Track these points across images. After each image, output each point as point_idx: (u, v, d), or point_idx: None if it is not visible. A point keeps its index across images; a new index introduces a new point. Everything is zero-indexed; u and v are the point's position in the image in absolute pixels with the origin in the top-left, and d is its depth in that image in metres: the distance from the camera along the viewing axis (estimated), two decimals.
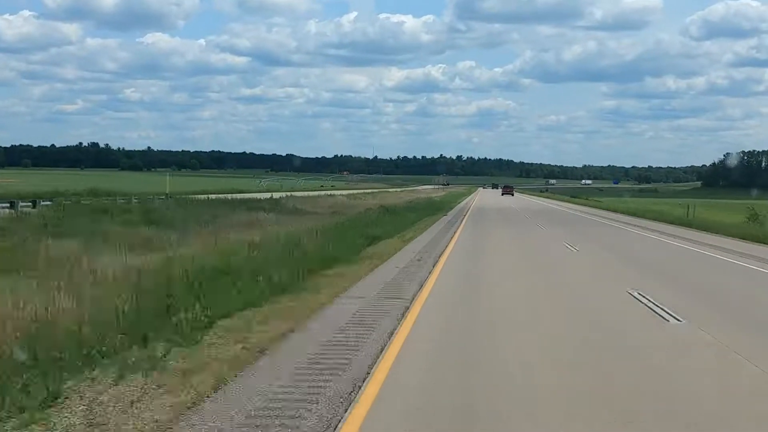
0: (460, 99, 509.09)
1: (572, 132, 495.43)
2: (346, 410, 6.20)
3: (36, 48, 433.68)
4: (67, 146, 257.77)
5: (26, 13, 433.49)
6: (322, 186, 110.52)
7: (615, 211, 56.61)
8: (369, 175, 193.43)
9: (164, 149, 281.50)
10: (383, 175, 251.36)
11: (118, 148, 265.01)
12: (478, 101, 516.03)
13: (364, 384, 6.95)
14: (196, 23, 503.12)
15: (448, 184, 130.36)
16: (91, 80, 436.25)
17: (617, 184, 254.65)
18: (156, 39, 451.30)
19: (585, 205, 72.38)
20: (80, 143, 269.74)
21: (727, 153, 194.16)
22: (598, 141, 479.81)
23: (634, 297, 12.93)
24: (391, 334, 9.31)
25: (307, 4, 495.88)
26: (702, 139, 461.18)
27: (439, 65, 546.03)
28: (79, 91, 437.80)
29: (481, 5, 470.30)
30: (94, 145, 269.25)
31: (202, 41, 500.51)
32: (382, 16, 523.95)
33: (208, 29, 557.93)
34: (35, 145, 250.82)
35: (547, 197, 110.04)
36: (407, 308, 11.26)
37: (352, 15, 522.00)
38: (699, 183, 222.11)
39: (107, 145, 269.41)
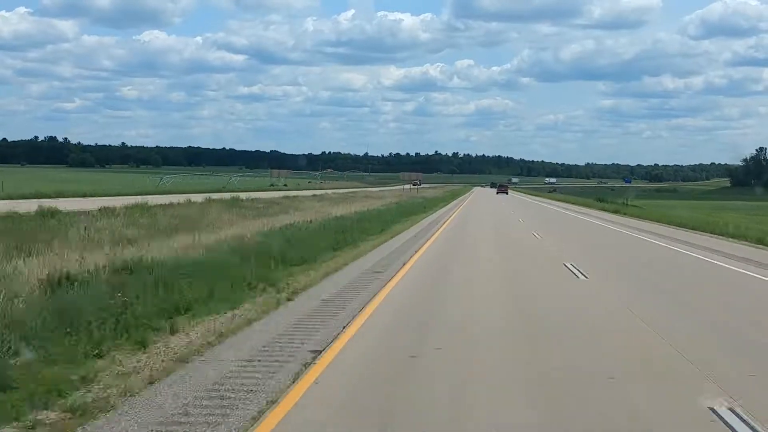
0: (458, 98, 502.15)
1: (571, 131, 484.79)
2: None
3: (32, 45, 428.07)
4: (20, 140, 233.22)
5: (22, 9, 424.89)
6: (271, 185, 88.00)
7: None
8: (341, 173, 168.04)
9: (139, 145, 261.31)
10: (369, 173, 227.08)
11: (78, 143, 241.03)
12: (476, 100, 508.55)
13: None
14: (192, 20, 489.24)
15: (418, 185, 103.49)
16: (89, 78, 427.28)
17: (629, 183, 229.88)
18: (152, 37, 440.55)
19: (658, 221, 38.09)
20: (36, 137, 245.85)
21: (761, 148, 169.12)
22: (597, 140, 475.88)
23: None
24: None
25: (304, 1, 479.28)
26: (700, 138, 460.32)
27: (438, 64, 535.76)
28: (76, 89, 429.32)
29: (479, 4, 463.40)
30: (52, 139, 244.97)
31: (198, 39, 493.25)
32: (380, 14, 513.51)
33: (204, 27, 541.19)
34: None
35: (561, 200, 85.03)
36: None
37: (350, 13, 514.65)
38: (725, 180, 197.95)
39: (66, 139, 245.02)
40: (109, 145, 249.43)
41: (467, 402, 6.56)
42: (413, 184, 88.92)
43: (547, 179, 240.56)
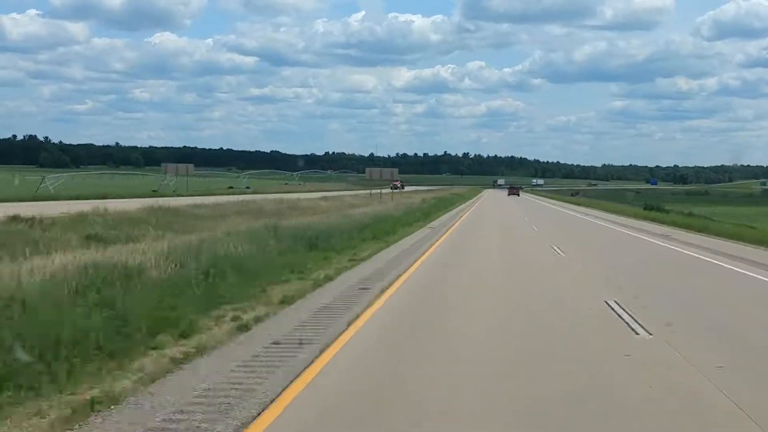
0: (469, 99, 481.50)
1: (583, 133, 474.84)
2: None
3: (42, 47, 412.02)
4: None
5: (32, 12, 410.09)
6: (230, 188, 71.78)
7: None
8: (326, 173, 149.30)
9: (130, 146, 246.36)
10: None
11: (60, 142, 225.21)
12: (487, 102, 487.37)
13: None
14: (202, 23, 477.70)
15: (399, 187, 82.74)
16: (99, 80, 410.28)
17: (655, 185, 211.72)
18: (164, 39, 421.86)
19: None
20: (14, 136, 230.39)
21: None
22: (612, 141, 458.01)
23: None
24: None
25: (314, 3, 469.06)
26: (714, 140, 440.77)
27: (448, 65, 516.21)
28: (87, 92, 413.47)
29: (489, 5, 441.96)
30: (32, 138, 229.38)
31: (209, 41, 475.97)
32: (391, 15, 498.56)
33: (215, 29, 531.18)
34: None
35: (591, 207, 66.94)
36: None
37: (361, 14, 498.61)
38: (754, 182, 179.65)
39: (47, 138, 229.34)
40: (91, 144, 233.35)
41: None
42: (392, 187, 69.17)
43: (534, 180, 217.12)
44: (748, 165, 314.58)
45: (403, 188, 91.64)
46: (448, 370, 8.00)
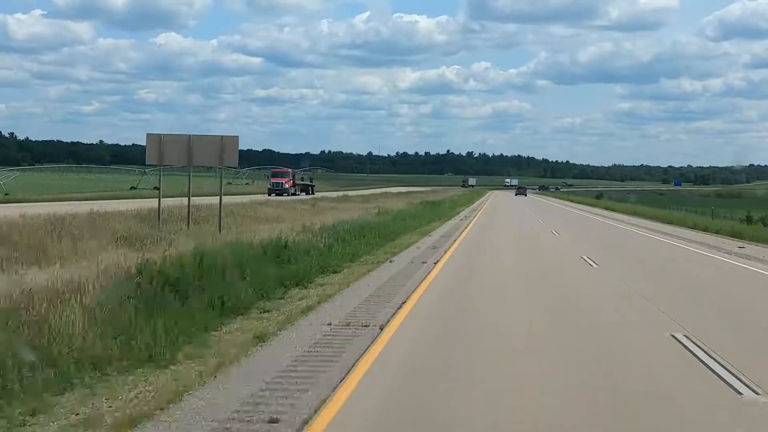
0: (474, 101, 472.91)
1: (589, 134, 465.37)
2: None
3: (47, 48, 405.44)
4: None
5: (37, 12, 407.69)
6: (132, 188, 52.91)
7: None
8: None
9: (114, 143, 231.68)
10: (367, 174, 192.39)
11: (26, 138, 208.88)
12: (492, 103, 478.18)
13: None
14: (208, 23, 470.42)
15: (287, 191, 59.78)
16: (105, 81, 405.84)
17: (680, 185, 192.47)
18: (168, 39, 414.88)
19: None
20: None
21: None
22: (619, 142, 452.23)
23: None
24: None
25: (319, 3, 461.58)
26: (720, 141, 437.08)
27: (454, 66, 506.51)
28: (93, 92, 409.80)
29: (495, 6, 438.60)
30: None
31: (214, 41, 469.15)
32: (396, 15, 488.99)
33: (220, 29, 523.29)
34: None
35: (665, 222, 47.39)
36: None
37: (366, 15, 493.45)
38: None
39: (12, 134, 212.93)
40: (60, 141, 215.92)
41: None
42: (272, 189, 48.78)
43: (507, 180, 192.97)
44: (767, 165, 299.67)
45: (310, 192, 64.76)
46: None
